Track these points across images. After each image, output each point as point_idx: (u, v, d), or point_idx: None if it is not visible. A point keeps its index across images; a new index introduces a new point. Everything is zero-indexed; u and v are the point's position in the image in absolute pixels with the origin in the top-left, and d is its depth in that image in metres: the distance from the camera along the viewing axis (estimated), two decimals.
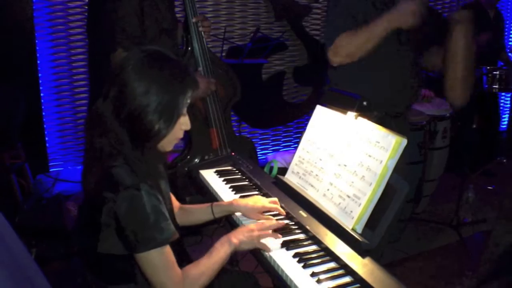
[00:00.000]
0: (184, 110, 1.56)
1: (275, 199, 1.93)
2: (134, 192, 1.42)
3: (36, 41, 3.89)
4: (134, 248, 1.44)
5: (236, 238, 1.64)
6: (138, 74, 1.47)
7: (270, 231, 1.71)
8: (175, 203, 1.92)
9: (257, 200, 1.91)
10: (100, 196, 1.44)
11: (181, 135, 1.61)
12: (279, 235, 1.71)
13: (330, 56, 2.34)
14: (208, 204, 1.97)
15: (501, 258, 2.78)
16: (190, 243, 3.40)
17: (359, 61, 2.29)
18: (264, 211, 1.88)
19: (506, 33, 6.32)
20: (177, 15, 3.22)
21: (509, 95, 6.30)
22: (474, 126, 4.34)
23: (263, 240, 1.66)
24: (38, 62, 3.94)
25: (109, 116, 1.48)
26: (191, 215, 1.99)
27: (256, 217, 1.87)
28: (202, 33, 3.12)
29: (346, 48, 2.28)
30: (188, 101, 1.56)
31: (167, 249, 1.49)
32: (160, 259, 1.47)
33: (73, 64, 4.10)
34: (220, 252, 1.61)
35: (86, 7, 3.98)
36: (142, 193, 1.43)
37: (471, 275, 2.92)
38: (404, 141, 1.60)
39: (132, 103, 1.46)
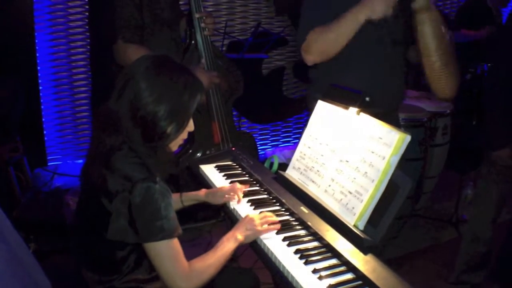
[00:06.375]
0: (192, 114, 1.62)
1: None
2: (150, 184, 1.48)
3: (36, 33, 3.87)
4: (144, 237, 1.49)
5: (241, 233, 1.69)
6: (148, 82, 1.52)
7: (270, 219, 1.76)
8: None
9: (221, 187, 2.07)
10: (108, 186, 1.48)
11: (186, 136, 1.68)
12: (278, 226, 1.74)
13: (303, 54, 2.24)
14: (178, 194, 2.06)
15: (484, 252, 2.80)
16: (189, 238, 3.39)
17: (341, 61, 2.19)
18: (225, 195, 2.01)
19: None
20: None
21: None
22: (474, 122, 4.32)
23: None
24: (37, 55, 3.92)
25: (124, 115, 1.52)
26: None
27: (221, 200, 2.02)
28: (206, 29, 3.09)
29: (318, 45, 2.17)
30: (196, 105, 1.61)
31: (175, 241, 1.54)
32: (168, 250, 1.52)
33: (72, 58, 4.08)
34: (225, 247, 1.65)
35: (86, 0, 3.96)
36: (157, 186, 1.49)
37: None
38: (407, 138, 1.59)
39: (144, 109, 1.51)
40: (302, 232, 1.74)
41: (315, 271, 1.49)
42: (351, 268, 1.50)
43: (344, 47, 2.13)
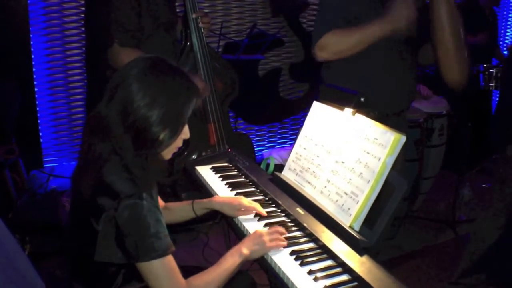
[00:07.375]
0: (186, 120, 1.54)
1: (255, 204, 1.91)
2: (136, 201, 1.39)
3: (31, 35, 3.86)
4: (135, 257, 1.41)
5: (247, 248, 1.60)
6: (141, 85, 1.43)
7: (279, 235, 1.67)
8: (160, 202, 1.85)
9: (236, 199, 1.91)
10: (97, 203, 1.41)
11: (180, 144, 1.60)
12: (285, 242, 1.65)
13: (317, 52, 2.31)
14: (189, 202, 1.96)
15: (484, 254, 2.78)
16: (185, 240, 3.38)
17: (355, 59, 2.26)
18: (241, 209, 1.87)
19: (502, 31, 6.33)
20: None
21: None
22: (470, 123, 4.32)
23: None
24: (33, 57, 3.91)
25: (113, 121, 1.43)
26: (174, 214, 1.98)
27: (235, 214, 1.88)
28: (202, 29, 3.08)
29: (336, 46, 2.26)
30: (191, 110, 1.53)
31: (169, 258, 1.46)
32: (162, 268, 1.44)
33: (68, 59, 4.06)
34: (228, 262, 1.58)
35: (82, 2, 3.95)
36: (144, 202, 1.41)
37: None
38: (403, 138, 1.59)
39: (136, 114, 1.42)
40: (298, 233, 1.73)
41: (310, 272, 1.48)
42: (347, 269, 1.49)
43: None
